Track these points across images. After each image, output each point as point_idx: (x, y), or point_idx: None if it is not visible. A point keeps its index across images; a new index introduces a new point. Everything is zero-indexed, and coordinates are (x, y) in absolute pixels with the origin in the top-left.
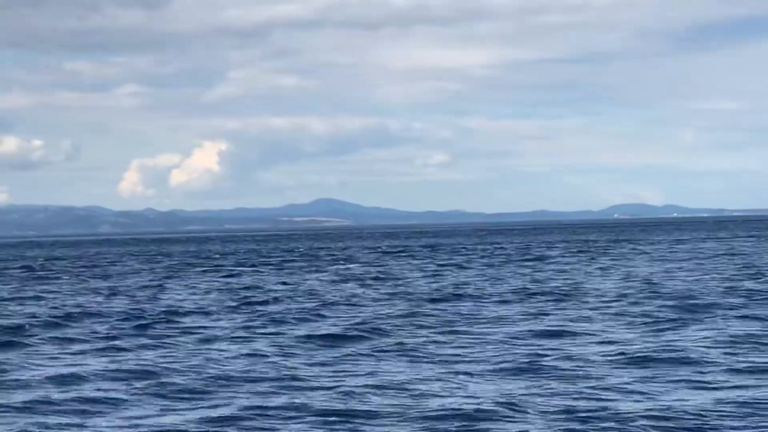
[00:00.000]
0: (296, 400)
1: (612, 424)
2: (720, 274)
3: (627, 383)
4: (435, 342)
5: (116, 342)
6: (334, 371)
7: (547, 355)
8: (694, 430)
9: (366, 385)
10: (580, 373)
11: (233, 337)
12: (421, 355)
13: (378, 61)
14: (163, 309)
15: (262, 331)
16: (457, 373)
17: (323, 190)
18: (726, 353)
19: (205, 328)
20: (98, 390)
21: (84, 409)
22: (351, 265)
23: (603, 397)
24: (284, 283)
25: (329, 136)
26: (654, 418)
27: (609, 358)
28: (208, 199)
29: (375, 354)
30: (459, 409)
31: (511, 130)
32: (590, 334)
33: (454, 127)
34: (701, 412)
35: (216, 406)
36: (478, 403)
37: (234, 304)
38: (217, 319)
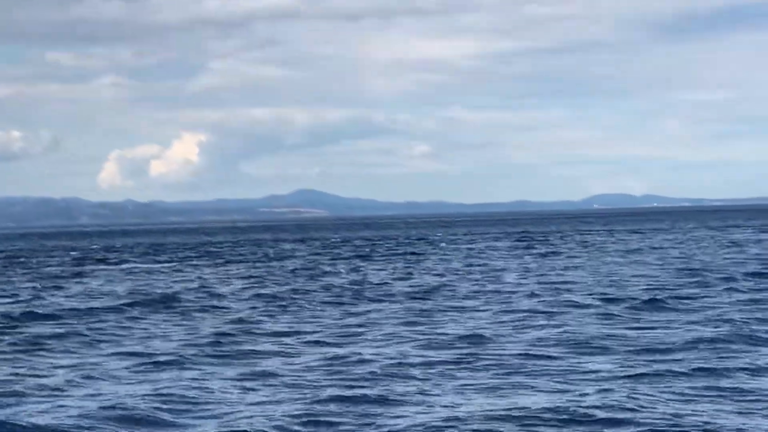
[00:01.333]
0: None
1: None
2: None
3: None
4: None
5: None
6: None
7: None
8: None
9: None
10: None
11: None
12: None
13: (361, 52)
14: None
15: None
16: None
17: (304, 182)
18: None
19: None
20: None
21: None
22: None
23: None
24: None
25: (311, 127)
26: None
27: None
28: (188, 191)
29: None
30: None
31: (494, 121)
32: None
33: (437, 119)
34: None
35: None
36: None
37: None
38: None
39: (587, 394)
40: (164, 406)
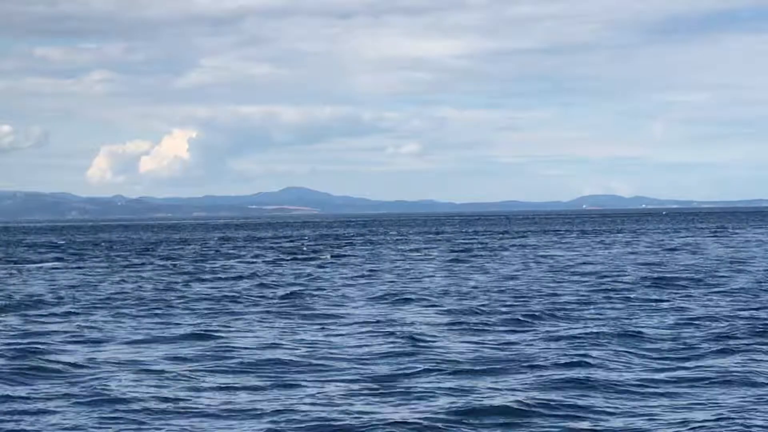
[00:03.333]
0: None
1: None
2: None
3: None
4: None
5: None
6: None
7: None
8: None
9: None
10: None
11: None
12: None
13: (350, 50)
14: None
15: None
16: None
17: (293, 179)
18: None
19: None
20: None
21: None
22: None
23: None
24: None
25: (300, 124)
26: None
27: None
28: (178, 187)
29: None
30: None
31: (482, 120)
32: None
33: (426, 117)
34: None
35: None
36: None
37: None
38: None
39: None
40: None
